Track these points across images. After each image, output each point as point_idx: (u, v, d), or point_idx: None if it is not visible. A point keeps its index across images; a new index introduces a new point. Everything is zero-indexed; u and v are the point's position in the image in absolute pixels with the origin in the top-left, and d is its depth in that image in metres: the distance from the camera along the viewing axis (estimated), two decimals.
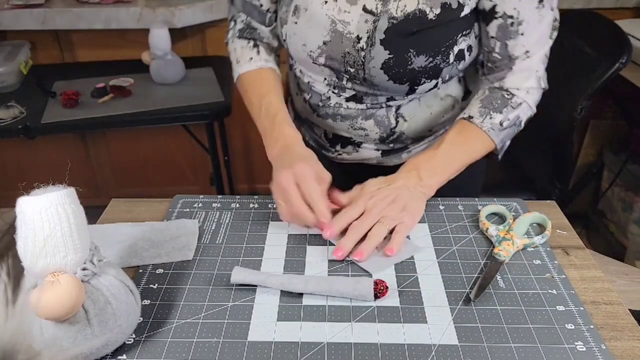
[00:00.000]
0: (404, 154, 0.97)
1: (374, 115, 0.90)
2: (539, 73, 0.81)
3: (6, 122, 1.57)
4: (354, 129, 0.92)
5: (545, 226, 0.81)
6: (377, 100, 0.88)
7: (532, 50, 0.79)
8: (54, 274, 0.56)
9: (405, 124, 0.90)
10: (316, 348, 0.62)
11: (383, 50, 0.79)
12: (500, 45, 0.79)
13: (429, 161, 0.79)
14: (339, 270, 0.75)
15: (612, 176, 1.87)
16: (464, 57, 0.82)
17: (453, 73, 0.84)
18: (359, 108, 0.90)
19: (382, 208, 0.73)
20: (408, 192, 0.75)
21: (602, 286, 0.72)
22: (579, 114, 1.35)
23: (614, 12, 1.83)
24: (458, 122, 0.83)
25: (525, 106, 0.81)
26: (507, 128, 0.80)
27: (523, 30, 0.77)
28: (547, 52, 0.81)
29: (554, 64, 1.51)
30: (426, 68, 0.80)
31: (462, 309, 0.68)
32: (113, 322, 0.60)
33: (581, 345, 0.62)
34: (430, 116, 0.91)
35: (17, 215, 0.55)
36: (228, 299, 0.69)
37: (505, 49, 0.79)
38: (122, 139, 2.16)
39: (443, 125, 0.95)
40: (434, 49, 0.79)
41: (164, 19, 1.81)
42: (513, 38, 0.78)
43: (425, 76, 0.81)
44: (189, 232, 0.82)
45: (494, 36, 0.79)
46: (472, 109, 0.82)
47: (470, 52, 0.82)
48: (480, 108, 0.81)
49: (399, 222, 0.74)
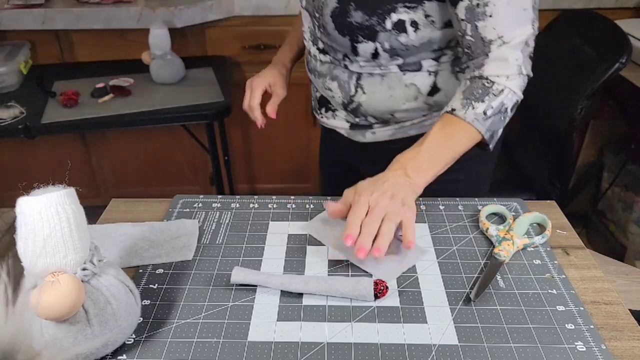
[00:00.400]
0: (368, 132, 1.00)
1: (337, 78, 0.95)
2: (518, 61, 0.80)
3: (6, 122, 1.57)
4: (325, 89, 0.99)
5: (545, 226, 0.81)
6: (336, 55, 0.93)
7: (506, 35, 0.78)
8: (54, 274, 0.56)
9: (363, 96, 0.94)
10: (316, 348, 0.62)
11: None
12: (470, 27, 0.80)
13: (414, 159, 0.79)
14: (339, 270, 0.75)
15: (612, 176, 1.87)
16: (406, 30, 0.83)
17: (396, 45, 0.85)
18: (326, 62, 0.96)
19: (385, 204, 0.73)
20: (401, 188, 0.76)
21: (602, 286, 0.72)
22: (579, 114, 1.35)
23: (614, 12, 1.83)
24: (442, 116, 0.82)
25: (507, 92, 0.80)
26: (492, 117, 0.79)
27: (490, 11, 0.77)
28: (527, 41, 0.80)
29: (553, 64, 1.52)
30: (362, 25, 0.83)
31: (462, 309, 0.68)
32: (113, 322, 0.60)
33: (581, 345, 0.62)
34: (390, 99, 0.93)
35: (17, 215, 0.55)
36: (228, 299, 0.69)
37: (477, 31, 0.79)
38: (122, 139, 2.16)
39: (407, 114, 0.95)
40: (370, 8, 0.82)
41: (164, 19, 1.81)
42: (482, 19, 0.78)
43: (362, 34, 0.85)
44: (188, 232, 0.82)
45: (463, 18, 0.80)
46: (454, 102, 0.82)
47: (415, 28, 0.83)
48: (462, 100, 0.80)
49: (402, 217, 0.74)
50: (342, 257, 0.77)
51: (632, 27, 1.60)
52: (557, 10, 1.77)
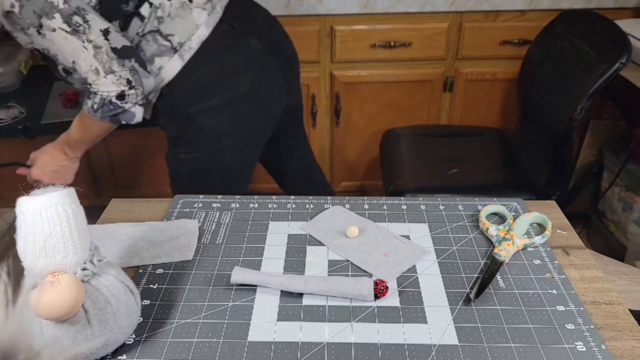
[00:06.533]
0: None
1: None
2: (92, 68, 1.02)
3: (6, 122, 1.57)
4: None
5: (545, 226, 0.81)
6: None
7: (72, 60, 1.04)
8: (54, 274, 0.56)
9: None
10: (316, 348, 0.62)
11: None
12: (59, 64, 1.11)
13: (67, 142, 1.19)
14: (339, 270, 0.75)
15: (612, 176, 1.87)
16: (69, 72, 1.11)
17: (78, 82, 1.13)
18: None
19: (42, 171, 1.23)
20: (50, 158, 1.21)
21: (602, 286, 0.72)
22: (579, 114, 1.35)
23: (614, 12, 1.83)
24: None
25: (101, 92, 1.03)
26: (99, 108, 1.05)
27: (52, 52, 1.06)
28: (87, 60, 1.02)
29: (553, 64, 1.52)
30: (61, 78, 1.15)
31: (462, 309, 0.68)
32: (113, 322, 0.60)
33: (581, 345, 0.62)
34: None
35: (17, 215, 0.55)
36: (228, 299, 0.69)
37: (64, 65, 1.08)
38: (122, 139, 2.16)
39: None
40: (52, 68, 1.14)
41: None
42: (56, 58, 1.08)
43: (67, 82, 1.17)
44: (189, 232, 0.82)
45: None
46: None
47: (67, 72, 1.12)
48: (85, 100, 1.08)
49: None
50: (342, 257, 0.77)
51: (632, 27, 1.60)
52: (557, 10, 1.77)
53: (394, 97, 1.97)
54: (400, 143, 1.78)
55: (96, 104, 1.05)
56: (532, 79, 1.63)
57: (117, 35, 1.03)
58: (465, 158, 1.70)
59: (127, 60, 1.02)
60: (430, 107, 2.00)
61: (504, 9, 1.81)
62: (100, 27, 1.01)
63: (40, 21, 0.99)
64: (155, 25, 1.08)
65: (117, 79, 1.02)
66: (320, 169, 1.66)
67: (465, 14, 1.82)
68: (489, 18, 1.84)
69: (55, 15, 0.98)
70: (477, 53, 1.89)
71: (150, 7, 1.07)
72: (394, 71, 1.91)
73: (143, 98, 1.07)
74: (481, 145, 1.78)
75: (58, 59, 1.06)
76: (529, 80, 1.65)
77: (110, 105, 1.05)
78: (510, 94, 1.96)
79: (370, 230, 0.82)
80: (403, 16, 1.82)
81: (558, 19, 1.59)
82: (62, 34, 1.00)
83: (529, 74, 1.65)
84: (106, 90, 1.03)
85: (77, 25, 0.99)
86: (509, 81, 1.94)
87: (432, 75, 1.93)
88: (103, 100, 1.04)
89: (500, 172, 1.67)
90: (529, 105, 1.67)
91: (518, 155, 1.71)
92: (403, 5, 1.80)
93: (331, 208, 0.88)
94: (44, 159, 1.23)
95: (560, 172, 1.50)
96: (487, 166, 1.67)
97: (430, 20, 1.83)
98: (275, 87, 1.24)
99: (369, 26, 1.83)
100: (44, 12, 0.98)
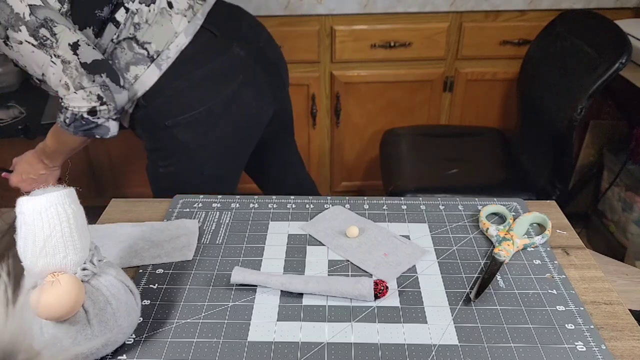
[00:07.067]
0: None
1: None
2: (62, 82, 0.99)
3: (6, 122, 1.57)
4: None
5: (545, 226, 0.81)
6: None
7: (42, 73, 1.01)
8: (54, 274, 0.56)
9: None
10: (316, 348, 0.62)
11: None
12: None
13: (43, 152, 1.18)
14: (339, 270, 0.75)
15: (612, 176, 1.87)
16: (43, 81, 1.05)
17: (53, 91, 1.07)
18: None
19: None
20: (29, 166, 1.22)
21: (602, 286, 0.72)
22: (579, 114, 1.35)
23: (614, 12, 1.83)
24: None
25: (72, 107, 1.00)
26: (71, 123, 1.02)
27: (21, 64, 1.03)
28: (56, 74, 0.98)
29: (554, 64, 1.52)
30: (38, 86, 1.11)
31: (462, 309, 0.68)
32: (113, 322, 0.60)
33: (581, 345, 0.62)
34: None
35: (17, 215, 0.55)
36: (228, 299, 0.69)
37: (35, 76, 1.05)
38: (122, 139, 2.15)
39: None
40: (27, 75, 1.07)
41: None
42: (26, 69, 1.04)
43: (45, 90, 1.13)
44: (189, 232, 0.82)
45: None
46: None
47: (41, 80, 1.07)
48: (58, 114, 1.06)
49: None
50: (342, 257, 0.77)
51: (632, 27, 1.60)
52: (557, 10, 1.77)
53: (394, 97, 1.97)
54: (400, 143, 1.78)
55: (68, 119, 1.02)
56: (532, 79, 1.63)
57: (87, 48, 0.98)
58: (465, 158, 1.70)
59: (98, 75, 0.98)
60: (430, 107, 2.00)
61: (504, 9, 1.81)
62: (68, 41, 0.96)
63: (6, 32, 0.96)
64: (132, 32, 1.04)
65: (88, 94, 0.98)
66: (312, 180, 1.60)
67: (465, 14, 1.83)
68: (489, 18, 1.84)
69: (22, 28, 0.94)
70: (477, 53, 1.89)
71: (126, 12, 1.03)
72: (394, 71, 1.91)
73: (116, 112, 1.04)
74: (481, 145, 1.78)
75: (28, 70, 1.03)
76: (529, 80, 1.65)
77: (82, 120, 1.02)
78: (510, 94, 1.97)
79: (370, 230, 0.82)
80: (403, 16, 1.83)
81: (558, 19, 1.59)
82: (28, 47, 0.96)
83: (529, 74, 1.65)
84: (77, 106, 1.00)
85: (44, 39, 0.95)
86: (509, 81, 1.94)
87: (432, 75, 1.93)
88: (74, 115, 1.01)
89: (500, 172, 1.67)
90: (529, 105, 1.67)
91: (518, 155, 1.71)
92: (403, 5, 1.80)
93: (331, 208, 0.88)
94: (23, 167, 1.22)
95: (560, 172, 1.50)
96: (487, 166, 1.68)
97: (430, 20, 1.83)
98: (260, 95, 1.18)
99: (369, 26, 1.83)
100: (9, 23, 0.94)
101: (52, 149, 1.16)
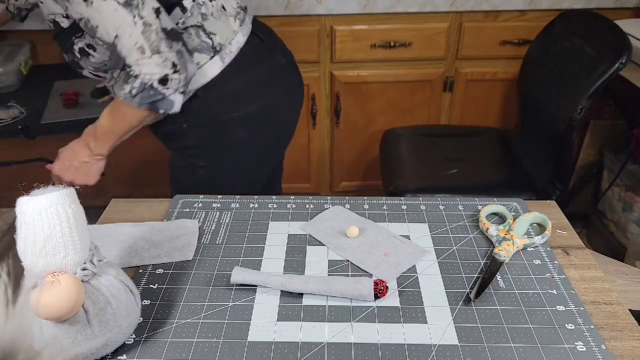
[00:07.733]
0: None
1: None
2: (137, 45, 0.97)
3: (6, 122, 1.57)
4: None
5: (545, 226, 0.81)
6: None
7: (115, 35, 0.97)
8: (54, 274, 0.56)
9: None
10: (316, 348, 0.62)
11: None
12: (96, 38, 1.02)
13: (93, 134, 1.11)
14: (339, 270, 0.75)
15: (612, 176, 1.87)
16: (88, 53, 1.05)
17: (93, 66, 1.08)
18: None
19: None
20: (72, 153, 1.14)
21: (602, 286, 0.72)
22: (579, 114, 1.35)
23: (614, 12, 1.83)
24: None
25: (144, 74, 0.97)
26: (138, 94, 0.98)
27: (93, 23, 0.97)
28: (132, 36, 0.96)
29: (554, 64, 1.52)
30: (74, 60, 1.08)
31: (462, 309, 0.68)
32: (113, 322, 0.60)
33: (581, 345, 0.62)
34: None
35: (17, 215, 0.55)
36: (228, 299, 0.69)
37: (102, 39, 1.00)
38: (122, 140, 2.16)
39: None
40: (64, 48, 1.06)
41: None
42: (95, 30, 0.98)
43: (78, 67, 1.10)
44: (189, 232, 0.82)
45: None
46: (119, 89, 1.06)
47: (92, 49, 1.04)
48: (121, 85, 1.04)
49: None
50: (342, 257, 0.77)
51: (632, 27, 1.60)
52: (557, 10, 1.77)
53: (394, 97, 1.97)
54: (400, 143, 1.78)
55: (135, 89, 0.98)
56: (532, 79, 1.63)
57: (166, 17, 0.99)
58: (465, 158, 1.70)
59: (175, 42, 0.98)
60: (430, 107, 2.00)
61: (504, 9, 1.81)
62: (153, 5, 0.96)
63: None
64: (199, 20, 1.06)
65: (163, 60, 0.97)
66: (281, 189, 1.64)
67: (465, 14, 1.82)
68: (489, 18, 1.84)
69: None
70: (477, 53, 1.89)
71: (193, 1, 1.05)
72: (394, 71, 1.91)
73: (185, 85, 1.02)
74: (481, 145, 1.78)
75: (97, 31, 0.98)
76: (529, 80, 1.65)
77: (151, 90, 0.98)
78: (510, 94, 1.96)
79: (370, 230, 0.82)
80: (403, 16, 1.82)
81: (558, 19, 1.59)
82: (112, 4, 0.94)
83: (529, 74, 1.65)
84: (149, 72, 0.97)
85: None
86: (509, 81, 1.94)
87: (432, 75, 1.93)
88: (144, 84, 0.98)
89: (500, 172, 1.67)
90: (529, 105, 1.67)
91: (518, 155, 1.71)
92: (403, 5, 1.80)
93: (331, 208, 0.88)
94: (66, 153, 1.17)
95: (560, 172, 1.50)
96: (487, 166, 1.67)
97: (430, 20, 1.83)
98: (294, 104, 1.24)
99: (369, 26, 1.83)
100: None
101: (105, 128, 1.10)
